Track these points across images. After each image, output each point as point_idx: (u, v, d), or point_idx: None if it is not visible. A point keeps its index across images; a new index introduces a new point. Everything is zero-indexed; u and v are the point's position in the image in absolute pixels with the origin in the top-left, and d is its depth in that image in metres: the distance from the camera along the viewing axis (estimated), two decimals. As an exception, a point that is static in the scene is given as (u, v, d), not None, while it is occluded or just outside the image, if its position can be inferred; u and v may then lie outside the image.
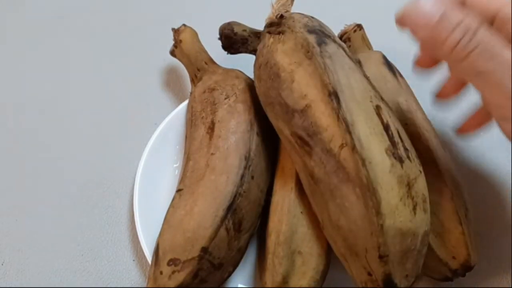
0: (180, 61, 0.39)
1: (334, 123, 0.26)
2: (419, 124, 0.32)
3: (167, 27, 0.39)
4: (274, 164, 0.33)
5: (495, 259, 0.34)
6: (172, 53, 0.39)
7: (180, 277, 0.28)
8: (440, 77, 0.31)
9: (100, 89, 0.44)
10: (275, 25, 0.31)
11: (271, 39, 0.31)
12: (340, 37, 0.39)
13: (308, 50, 0.29)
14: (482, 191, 0.37)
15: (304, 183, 0.29)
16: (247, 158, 0.31)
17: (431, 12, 0.23)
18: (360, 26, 0.39)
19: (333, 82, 0.27)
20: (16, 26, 0.49)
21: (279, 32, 0.31)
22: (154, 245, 0.30)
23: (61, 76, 0.45)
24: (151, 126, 0.39)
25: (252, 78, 0.36)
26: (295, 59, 0.29)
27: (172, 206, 0.31)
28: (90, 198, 0.38)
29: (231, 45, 0.37)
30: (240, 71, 0.37)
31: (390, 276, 0.26)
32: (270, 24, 0.32)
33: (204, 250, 0.29)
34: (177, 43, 0.38)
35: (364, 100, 0.27)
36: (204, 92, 0.35)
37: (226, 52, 0.38)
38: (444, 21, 0.23)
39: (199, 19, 0.40)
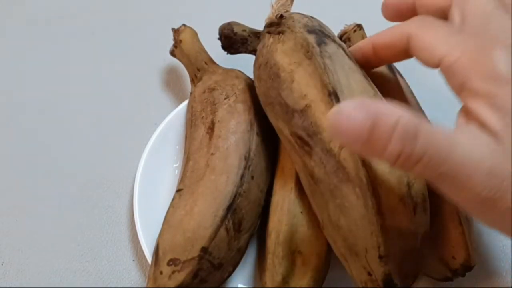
0: (180, 61, 0.39)
1: None
2: None
3: (167, 27, 0.39)
4: (274, 164, 0.33)
5: (495, 259, 0.34)
6: (172, 53, 0.39)
7: (180, 277, 0.28)
8: (442, 78, 0.31)
9: (100, 89, 0.44)
10: (275, 25, 0.31)
11: (270, 39, 0.31)
12: (340, 37, 0.39)
13: (308, 50, 0.28)
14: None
15: (304, 183, 0.29)
16: (247, 158, 0.31)
17: (359, 120, 0.19)
18: (360, 26, 0.38)
19: (333, 82, 0.27)
20: (16, 26, 0.49)
21: (279, 32, 0.31)
22: (154, 245, 0.30)
23: (61, 76, 0.45)
24: (151, 126, 0.39)
25: (252, 78, 0.36)
26: (295, 59, 0.29)
27: (172, 206, 0.31)
28: (90, 198, 0.38)
29: (231, 45, 0.37)
30: (240, 71, 0.37)
31: (390, 276, 0.26)
32: (270, 24, 0.32)
33: (204, 250, 0.29)
34: (177, 43, 0.38)
35: None
36: (204, 92, 0.35)
37: (226, 52, 0.38)
38: (376, 129, 0.19)
39: (199, 19, 0.40)
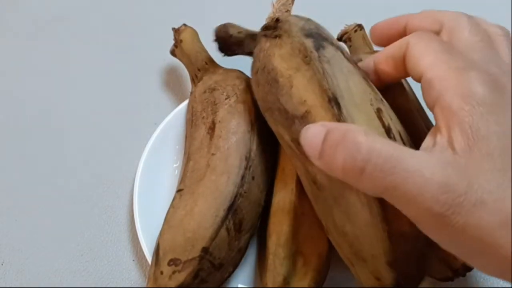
0: (181, 61, 0.39)
1: None
2: (421, 125, 0.32)
3: (167, 27, 0.39)
4: (275, 165, 0.33)
5: (495, 259, 0.34)
6: (172, 53, 0.39)
7: (180, 277, 0.28)
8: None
9: (100, 89, 0.44)
10: (271, 28, 0.31)
11: (267, 43, 0.30)
12: (341, 37, 0.39)
13: (306, 55, 0.28)
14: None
15: (306, 188, 0.29)
16: (247, 159, 0.31)
17: (317, 133, 0.20)
18: (360, 26, 0.38)
19: (332, 87, 0.27)
20: (16, 26, 0.49)
21: (275, 36, 0.30)
22: (154, 245, 0.30)
23: (61, 76, 0.45)
24: (151, 126, 0.39)
25: (252, 78, 0.36)
26: (293, 64, 0.28)
27: (173, 206, 0.31)
28: (90, 198, 0.38)
29: (227, 47, 0.37)
30: (240, 71, 0.37)
31: (399, 280, 0.26)
32: (266, 27, 0.31)
33: (204, 250, 0.29)
34: (177, 43, 0.38)
35: (364, 104, 0.27)
36: (204, 92, 0.35)
37: (223, 54, 0.38)
38: (325, 142, 0.20)
39: (199, 19, 0.40)
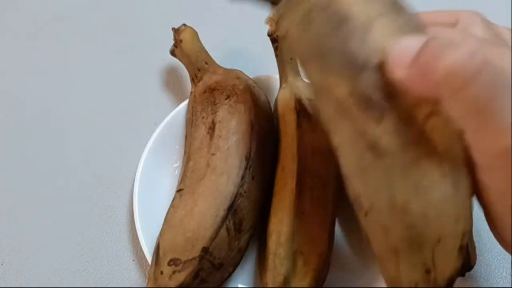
0: (180, 61, 0.39)
1: None
2: None
3: (167, 27, 0.39)
4: (275, 164, 0.33)
5: (495, 259, 0.34)
6: (172, 53, 0.39)
7: (180, 277, 0.28)
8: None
9: (100, 89, 0.44)
10: None
11: None
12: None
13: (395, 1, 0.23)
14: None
15: (350, 158, 0.23)
16: (247, 159, 0.31)
17: (413, 42, 0.19)
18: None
19: None
20: (16, 26, 0.49)
21: None
22: (154, 245, 0.30)
23: (61, 76, 0.45)
24: (151, 126, 0.39)
25: (252, 78, 0.36)
26: (377, 7, 0.23)
27: (173, 206, 0.31)
28: (90, 198, 0.38)
29: None
30: (240, 71, 0.37)
31: (458, 270, 0.23)
32: None
33: (204, 250, 0.29)
34: (177, 43, 0.38)
35: None
36: (204, 92, 0.35)
37: None
38: (432, 41, 0.19)
39: (199, 19, 0.40)
